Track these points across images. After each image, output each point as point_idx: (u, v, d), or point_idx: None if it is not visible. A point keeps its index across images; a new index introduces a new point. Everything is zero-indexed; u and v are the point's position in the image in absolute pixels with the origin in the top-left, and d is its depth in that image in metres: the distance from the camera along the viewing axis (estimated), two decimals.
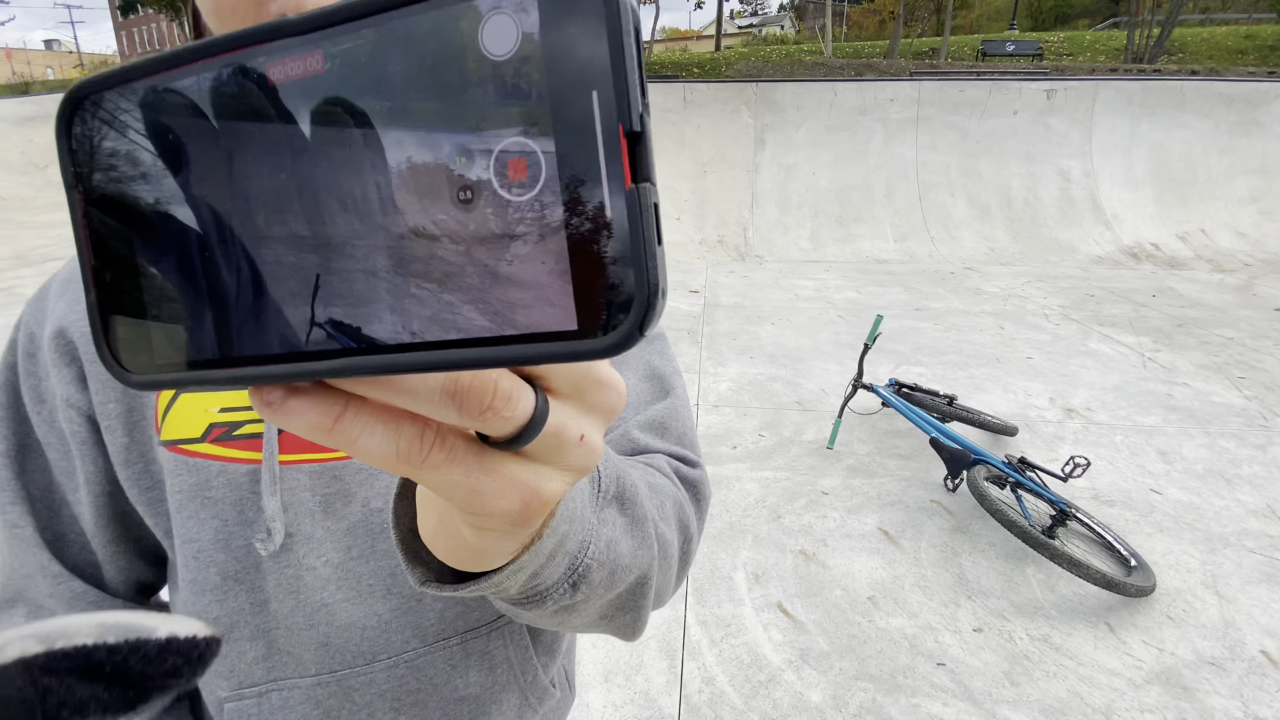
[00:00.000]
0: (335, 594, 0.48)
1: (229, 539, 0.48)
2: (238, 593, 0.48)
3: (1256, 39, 23.63)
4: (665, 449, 0.52)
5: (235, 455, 0.46)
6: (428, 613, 0.50)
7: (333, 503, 0.48)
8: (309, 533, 0.48)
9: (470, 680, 0.52)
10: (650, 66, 20.94)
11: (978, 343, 4.81)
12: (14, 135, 11.52)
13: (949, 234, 8.34)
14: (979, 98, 9.37)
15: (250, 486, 0.47)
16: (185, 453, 0.46)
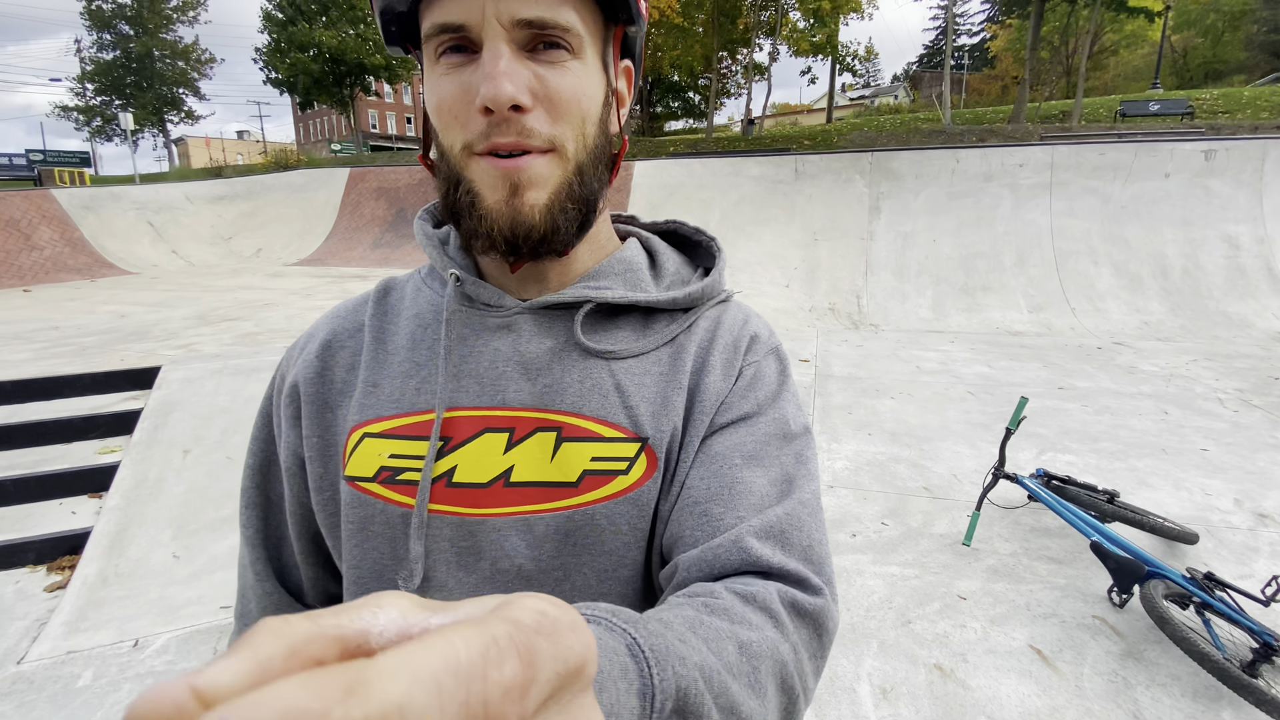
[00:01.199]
0: None
1: (382, 571, 0.52)
2: None
3: None
4: (782, 566, 0.46)
5: (394, 497, 0.51)
6: None
7: (465, 556, 0.50)
8: (442, 580, 0.51)
9: None
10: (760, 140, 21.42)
11: (1137, 429, 4.26)
12: (207, 211, 13.55)
13: (1093, 305, 7.62)
14: (1122, 160, 8.70)
15: (402, 527, 0.51)
16: (359, 489, 0.52)
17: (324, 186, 13.98)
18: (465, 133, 0.46)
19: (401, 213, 12.78)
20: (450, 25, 0.45)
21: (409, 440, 0.51)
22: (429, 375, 0.52)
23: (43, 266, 10.33)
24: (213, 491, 3.17)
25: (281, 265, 11.66)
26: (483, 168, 0.46)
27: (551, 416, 0.51)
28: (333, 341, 0.57)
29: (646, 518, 0.51)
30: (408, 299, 0.58)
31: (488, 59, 0.44)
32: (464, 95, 0.45)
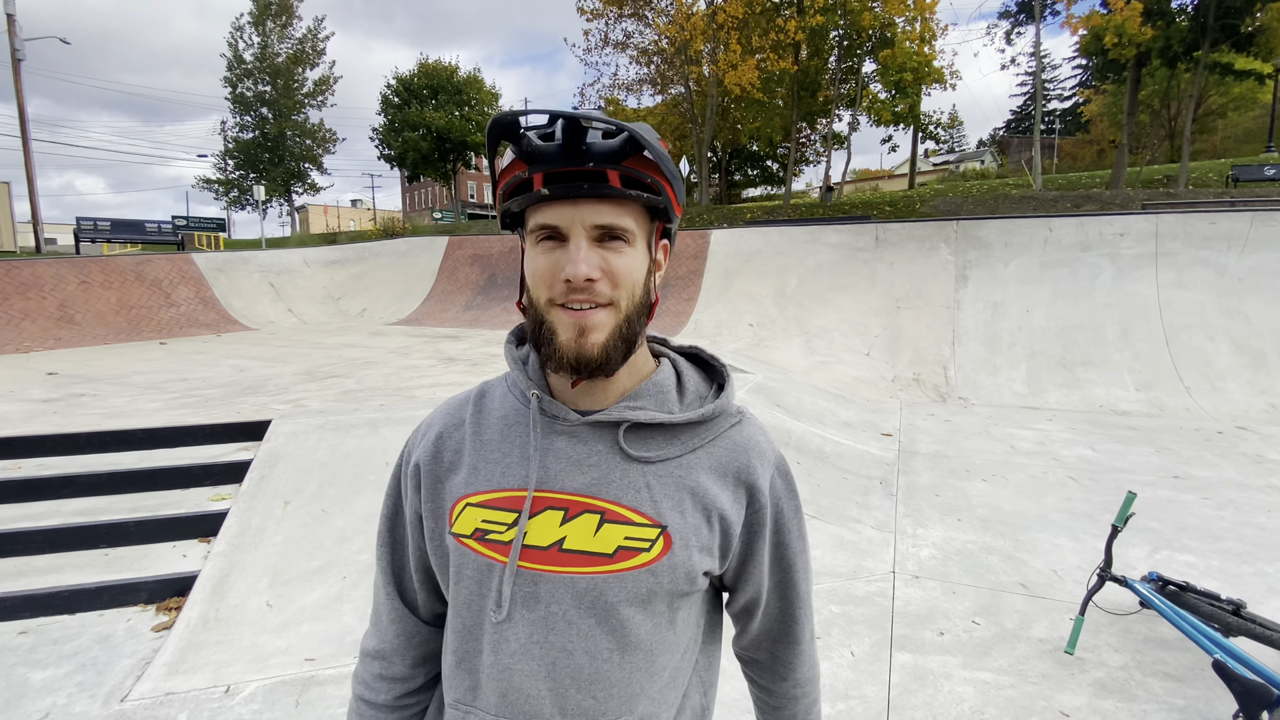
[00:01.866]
0: (518, 663, 0.69)
1: (470, 604, 0.72)
2: (468, 641, 0.73)
3: None
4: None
5: (484, 551, 0.70)
6: (567, 703, 0.69)
7: (529, 600, 0.69)
8: (516, 616, 0.69)
9: None
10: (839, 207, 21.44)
11: (1268, 529, 3.81)
12: (321, 274, 14.84)
13: (1210, 384, 6.99)
14: (1237, 230, 8.11)
15: (487, 573, 0.70)
16: (461, 543, 0.71)
17: (425, 253, 15.07)
18: (550, 291, 0.66)
19: (492, 278, 13.54)
20: (549, 226, 0.66)
21: (497, 510, 0.70)
22: (511, 464, 0.72)
23: (178, 322, 11.57)
24: (306, 543, 3.37)
25: (382, 324, 12.53)
26: (560, 316, 0.66)
27: (596, 503, 0.69)
28: (444, 433, 0.77)
29: (662, 586, 0.69)
30: (496, 402, 0.78)
31: (573, 249, 0.65)
32: (553, 269, 0.66)
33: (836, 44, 22.98)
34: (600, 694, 0.69)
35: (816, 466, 4.77)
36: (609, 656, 0.69)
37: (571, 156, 0.63)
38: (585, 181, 0.63)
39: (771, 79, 22.61)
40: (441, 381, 6.12)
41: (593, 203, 0.64)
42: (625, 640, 0.69)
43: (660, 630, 0.71)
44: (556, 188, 0.64)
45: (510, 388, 0.78)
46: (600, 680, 0.69)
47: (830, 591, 3.11)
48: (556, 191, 0.64)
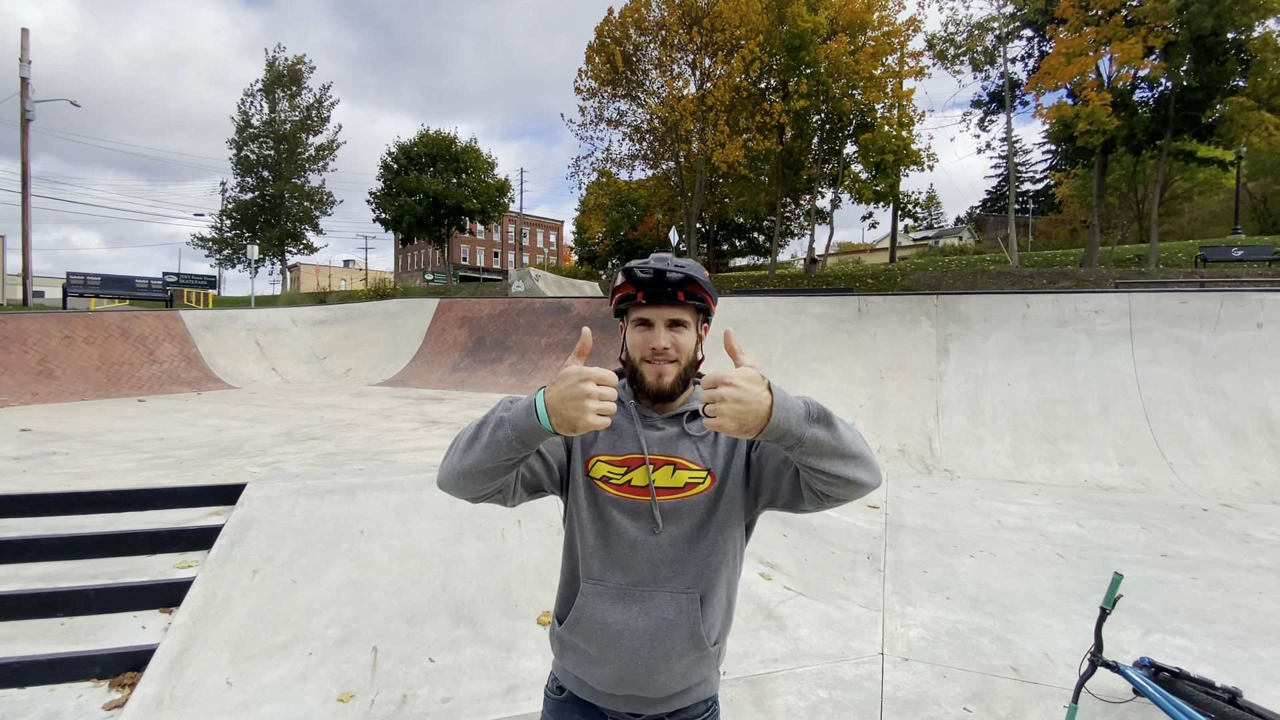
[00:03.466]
0: (631, 550, 1.21)
1: (601, 516, 1.23)
2: (603, 539, 1.22)
3: None
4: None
5: (608, 490, 1.24)
6: (674, 579, 1.21)
7: (641, 519, 1.22)
8: (634, 533, 1.22)
9: (672, 612, 1.20)
10: (823, 279, 22.00)
11: (1260, 611, 3.76)
12: (308, 333, 14.84)
13: (1193, 460, 7.05)
14: (1208, 309, 8.39)
15: (610, 505, 1.23)
16: (596, 483, 1.25)
17: (414, 314, 15.16)
18: (643, 353, 1.21)
19: (480, 340, 13.59)
20: (644, 318, 1.20)
21: (616, 466, 1.22)
22: (625, 440, 1.23)
23: (159, 379, 11.42)
24: (273, 615, 3.22)
25: (367, 385, 12.44)
26: (648, 368, 1.21)
27: (672, 459, 1.22)
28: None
29: (711, 505, 1.22)
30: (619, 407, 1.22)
31: (656, 332, 1.19)
32: (645, 342, 1.20)
33: (819, 126, 24.19)
34: (686, 571, 1.21)
35: (803, 540, 4.70)
36: (691, 545, 1.21)
37: (660, 285, 1.17)
38: (666, 297, 1.18)
39: (757, 157, 23.62)
40: (423, 445, 6.03)
41: (668, 307, 1.19)
42: (702, 536, 1.21)
43: (715, 533, 1.21)
44: (650, 298, 1.18)
45: (623, 404, 1.26)
46: (687, 562, 1.21)
47: (818, 675, 3.00)
48: (650, 300, 1.18)
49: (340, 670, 2.93)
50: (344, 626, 3.19)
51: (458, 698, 2.80)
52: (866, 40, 22.20)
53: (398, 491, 4.12)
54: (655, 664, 1.21)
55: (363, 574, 3.51)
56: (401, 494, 4.10)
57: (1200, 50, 17.90)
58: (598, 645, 1.20)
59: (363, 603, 3.33)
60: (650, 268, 1.16)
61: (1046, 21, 20.58)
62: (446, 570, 3.52)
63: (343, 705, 2.72)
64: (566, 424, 0.99)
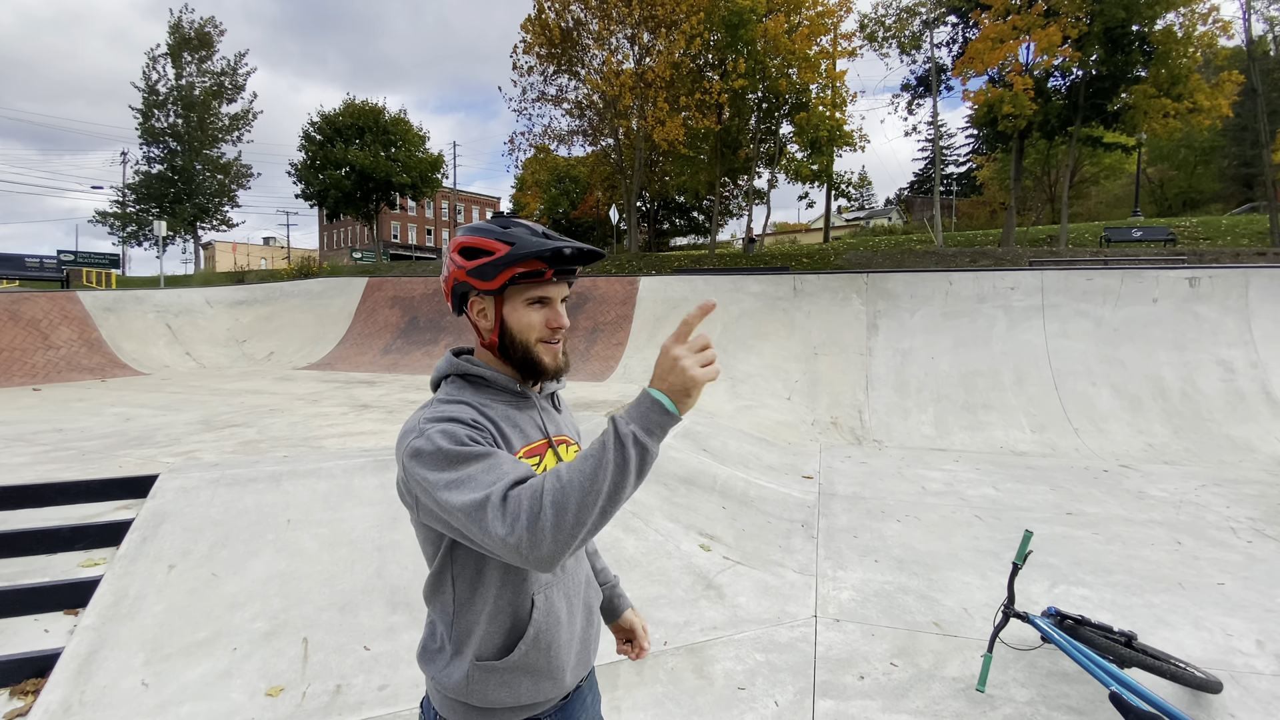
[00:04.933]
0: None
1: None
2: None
3: None
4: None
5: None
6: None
7: None
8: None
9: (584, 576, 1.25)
10: (761, 258, 22.39)
11: (1152, 560, 4.12)
12: (225, 315, 13.99)
13: (1095, 426, 7.62)
14: (1110, 286, 9.02)
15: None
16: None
17: (341, 294, 14.51)
18: (539, 334, 1.11)
19: (414, 320, 13.15)
20: (544, 297, 1.11)
21: (531, 456, 1.11)
22: (527, 428, 1.14)
23: (56, 366, 10.53)
24: (192, 611, 3.05)
25: (291, 369, 11.86)
26: (546, 348, 1.13)
27: (564, 438, 1.21)
28: (488, 418, 1.08)
29: None
30: (490, 400, 1.12)
31: (559, 310, 1.13)
32: (546, 320, 1.12)
33: (756, 106, 24.39)
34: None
35: (741, 511, 4.81)
36: None
37: (575, 261, 1.10)
38: (571, 274, 1.12)
39: (697, 135, 23.65)
40: (353, 430, 5.81)
41: (565, 284, 1.14)
42: None
43: None
44: (561, 275, 1.10)
45: (487, 394, 1.13)
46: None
47: (755, 639, 3.10)
48: (560, 277, 1.11)
49: (268, 664, 2.82)
50: (271, 619, 3.06)
51: (395, 684, 2.74)
52: (801, 20, 22.45)
53: (327, 478, 3.96)
54: (590, 635, 1.22)
55: (291, 564, 3.36)
56: (331, 481, 3.94)
57: (1110, 41, 19.05)
58: (553, 652, 1.11)
59: (291, 594, 3.20)
60: (577, 247, 1.07)
61: (971, 8, 21.36)
62: (381, 556, 3.42)
63: (272, 700, 2.62)
64: (688, 401, 0.91)
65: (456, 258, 1.10)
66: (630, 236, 26.54)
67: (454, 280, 1.11)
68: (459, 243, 1.11)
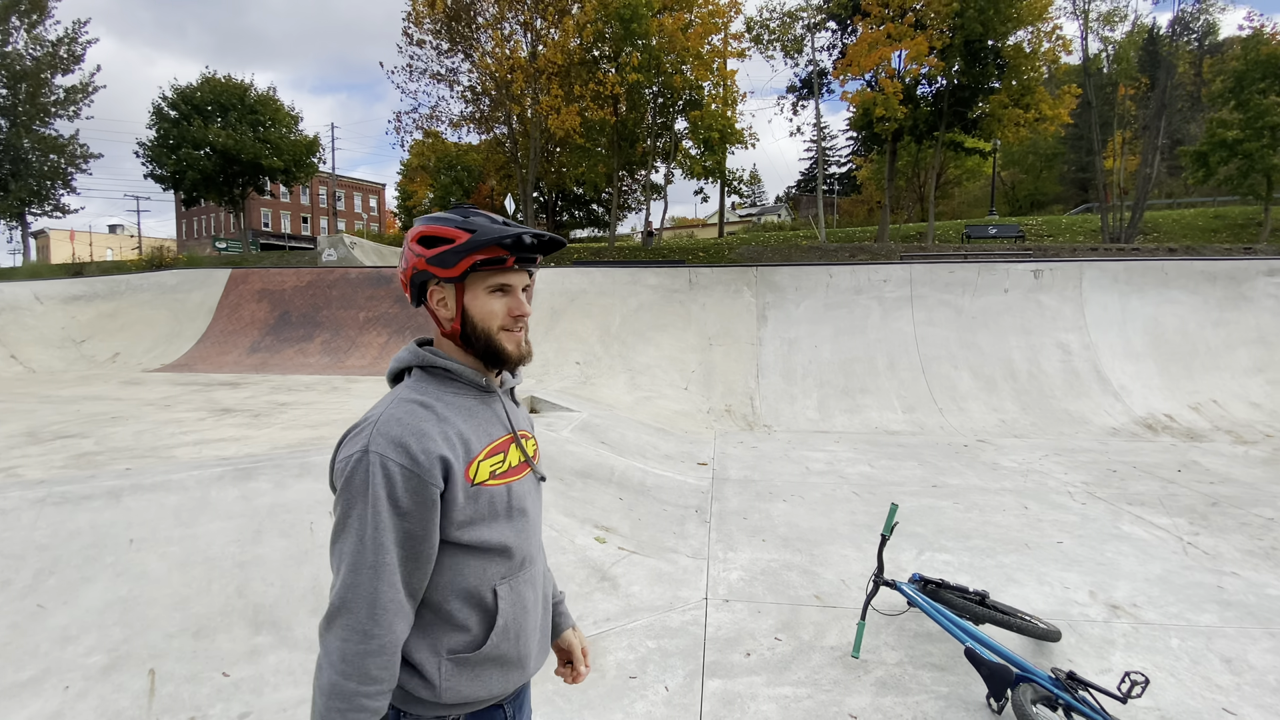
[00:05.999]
0: (535, 529, 1.22)
1: (510, 509, 1.16)
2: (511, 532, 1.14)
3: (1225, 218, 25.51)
4: None
5: (504, 480, 1.13)
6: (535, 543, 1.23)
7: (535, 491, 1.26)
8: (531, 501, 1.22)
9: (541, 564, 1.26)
10: (659, 251, 22.70)
11: (1003, 525, 4.56)
12: (58, 312, 12.32)
13: (957, 405, 8.35)
14: (969, 278, 9.90)
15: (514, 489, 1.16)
16: (487, 485, 1.10)
17: (200, 287, 13.17)
18: (501, 322, 1.10)
19: (285, 316, 12.17)
20: (506, 284, 1.10)
21: (496, 455, 1.11)
22: (490, 425, 1.13)
23: None
24: (14, 649, 2.65)
25: (141, 371, 10.63)
26: (509, 336, 1.11)
27: (526, 432, 1.22)
28: (440, 431, 1.04)
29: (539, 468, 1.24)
30: (451, 397, 1.10)
31: (520, 298, 1.12)
32: (508, 309, 1.10)
33: (652, 100, 24.63)
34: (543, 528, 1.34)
35: (638, 501, 4.84)
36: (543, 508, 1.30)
37: (537, 250, 1.10)
38: (532, 262, 1.12)
39: (593, 127, 23.55)
40: (211, 437, 5.29)
41: (527, 272, 1.14)
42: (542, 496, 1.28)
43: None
44: (522, 263, 1.10)
45: (449, 387, 1.11)
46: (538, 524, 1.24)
47: (647, 627, 3.12)
48: (522, 265, 1.11)
49: (107, 701, 2.50)
50: (110, 651, 2.72)
51: (259, 710, 2.51)
52: (693, 18, 22.88)
53: (178, 491, 3.56)
54: (548, 624, 1.30)
55: (134, 589, 3.00)
56: (183, 494, 3.55)
57: (970, 53, 20.93)
58: (522, 641, 1.14)
59: (135, 621, 2.85)
60: (538, 234, 1.08)
61: (850, 15, 22.68)
62: (243, 574, 3.12)
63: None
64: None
65: (416, 247, 1.09)
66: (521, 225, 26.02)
67: (413, 269, 1.10)
68: (418, 232, 1.10)
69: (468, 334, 1.10)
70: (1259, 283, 9.45)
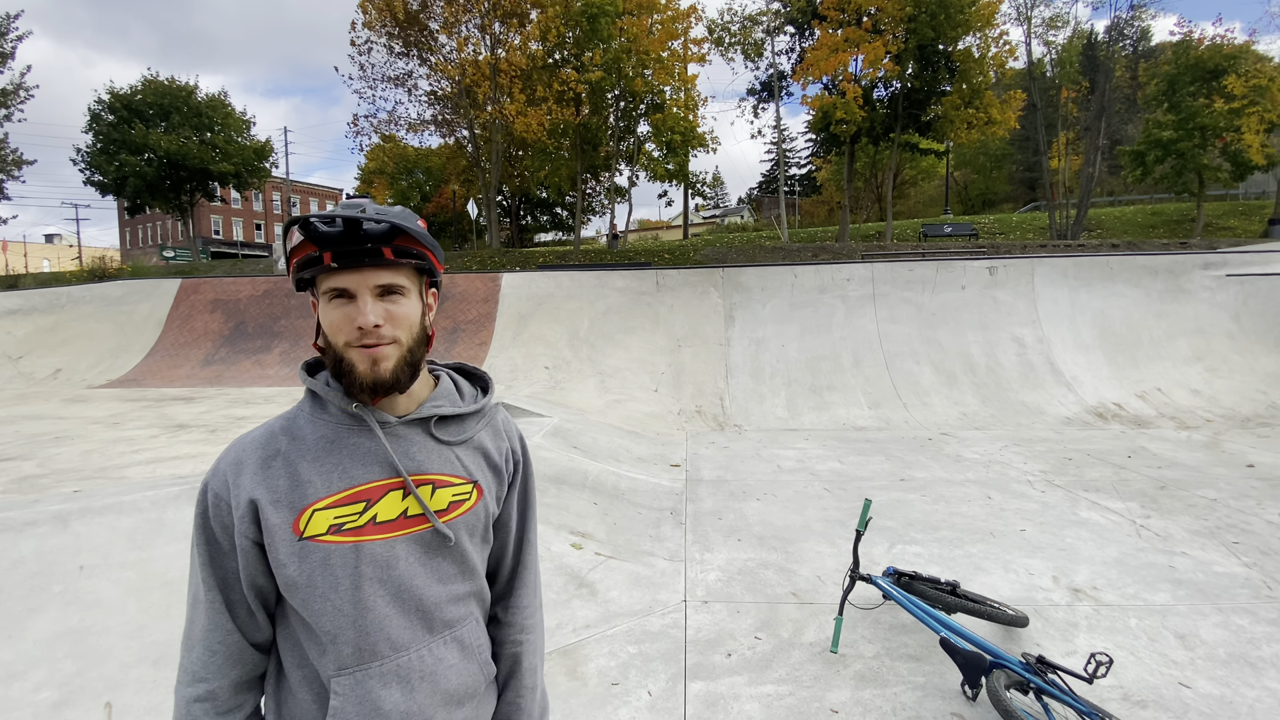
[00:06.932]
0: (391, 607, 0.92)
1: (338, 583, 0.90)
2: (339, 618, 0.90)
3: (1162, 215, 26.78)
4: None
5: (344, 540, 0.89)
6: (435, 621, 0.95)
7: (390, 561, 0.92)
8: (384, 574, 0.93)
9: (456, 656, 0.97)
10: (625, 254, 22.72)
11: (969, 515, 4.68)
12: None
13: (920, 400, 8.55)
14: (928, 275, 10.16)
15: (352, 554, 0.90)
16: (318, 541, 0.88)
17: (148, 298, 12.66)
18: (347, 336, 0.88)
19: (240, 326, 11.78)
20: (341, 288, 0.88)
21: (347, 505, 0.89)
22: (350, 466, 0.90)
23: None
24: None
25: (85, 388, 10.15)
26: (356, 354, 0.88)
27: (427, 476, 0.94)
28: (265, 465, 0.89)
29: (481, 523, 1.00)
30: (310, 426, 0.93)
31: (361, 305, 0.87)
32: (347, 319, 0.88)
33: (614, 103, 24.66)
34: (463, 610, 0.98)
35: (612, 505, 4.82)
36: (459, 578, 0.97)
37: (354, 240, 0.86)
38: (366, 256, 0.87)
39: (556, 129, 23.45)
40: (165, 455, 5.08)
41: (372, 270, 0.88)
42: (468, 566, 0.98)
43: (479, 555, 1.01)
44: (344, 260, 0.86)
45: (318, 413, 0.94)
46: (462, 598, 0.98)
47: (627, 632, 3.10)
48: (344, 264, 0.86)
49: None
50: (61, 686, 2.57)
51: None
52: (654, 23, 22.99)
53: (131, 513, 3.40)
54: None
55: (86, 618, 2.85)
56: (137, 515, 3.39)
57: (923, 58, 21.54)
58: None
59: (88, 653, 2.71)
60: (336, 216, 0.84)
61: (808, 20, 23.09)
62: None
63: None
64: None
65: None
66: (491, 232, 25.76)
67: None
68: None
69: (324, 350, 0.92)
70: (1195, 276, 9.93)
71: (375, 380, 0.89)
